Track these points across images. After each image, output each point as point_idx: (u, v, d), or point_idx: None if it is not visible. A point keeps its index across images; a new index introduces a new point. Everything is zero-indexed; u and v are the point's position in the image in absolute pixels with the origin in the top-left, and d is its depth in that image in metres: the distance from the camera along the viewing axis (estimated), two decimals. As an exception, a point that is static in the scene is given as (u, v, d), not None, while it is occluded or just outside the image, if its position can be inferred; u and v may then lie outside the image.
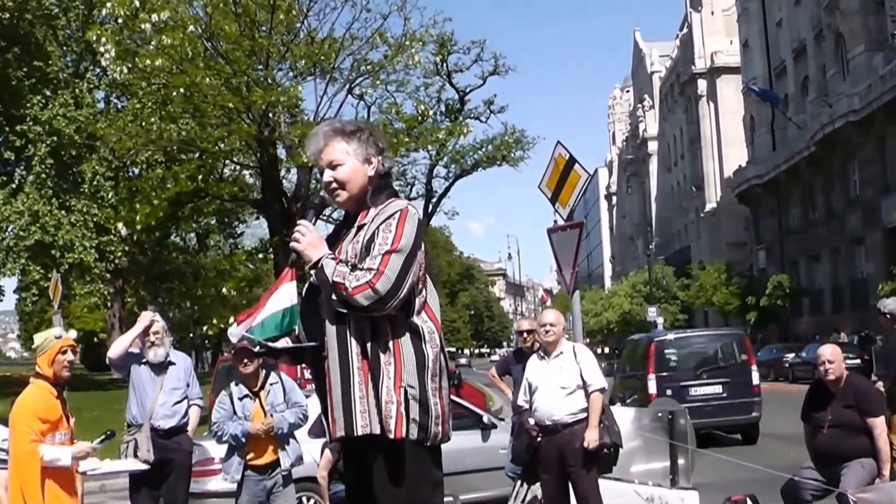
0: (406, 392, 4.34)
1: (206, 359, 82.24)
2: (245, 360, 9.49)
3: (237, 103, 27.84)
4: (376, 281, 4.25)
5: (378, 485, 4.44)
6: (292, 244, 4.53)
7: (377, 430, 4.29)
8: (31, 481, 6.89)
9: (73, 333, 7.60)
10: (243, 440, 9.44)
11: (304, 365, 5.11)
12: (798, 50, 67.10)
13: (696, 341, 23.57)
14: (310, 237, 4.51)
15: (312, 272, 4.46)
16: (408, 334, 4.42)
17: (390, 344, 4.38)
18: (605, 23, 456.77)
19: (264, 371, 9.77)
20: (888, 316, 11.19)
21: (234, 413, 9.55)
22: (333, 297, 4.33)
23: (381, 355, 4.36)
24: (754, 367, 22.00)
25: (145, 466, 9.34)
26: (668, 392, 20.24)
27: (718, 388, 21.25)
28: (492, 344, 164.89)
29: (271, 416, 9.47)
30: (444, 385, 4.53)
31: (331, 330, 4.43)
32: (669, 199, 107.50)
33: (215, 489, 11.24)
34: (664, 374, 21.37)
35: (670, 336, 24.61)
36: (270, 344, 4.81)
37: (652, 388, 20.76)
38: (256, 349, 5.05)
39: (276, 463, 9.55)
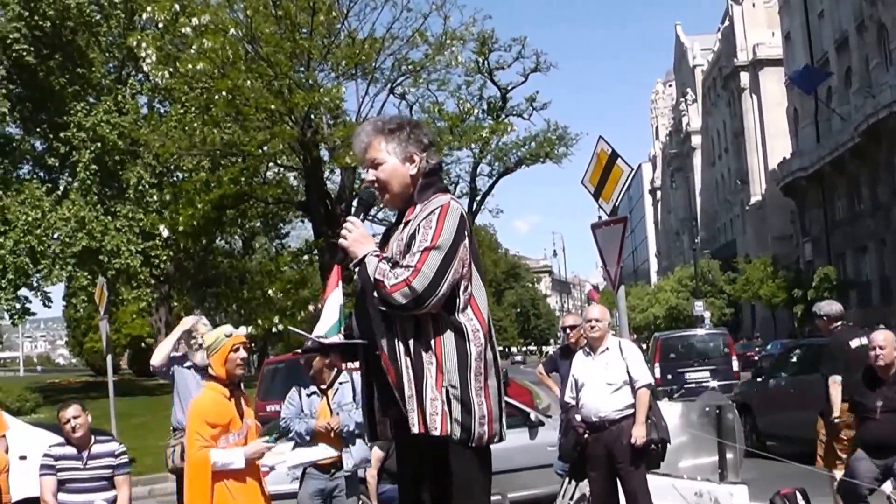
0: (447, 392, 4.26)
1: (252, 361, 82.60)
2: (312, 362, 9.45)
3: (279, 106, 27.97)
4: (413, 278, 4.18)
5: (424, 485, 4.43)
6: (339, 241, 4.47)
7: (420, 429, 4.22)
8: (202, 488, 6.84)
9: (242, 330, 7.56)
10: (307, 438, 9.28)
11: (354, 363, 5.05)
12: (840, 41, 66.43)
13: (691, 339, 30.87)
14: (356, 233, 4.44)
15: (356, 269, 4.41)
16: (450, 332, 4.33)
17: (432, 342, 4.30)
18: (646, 17, 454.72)
19: (335, 369, 9.63)
20: (825, 318, 11.13)
21: (302, 410, 9.46)
22: (375, 294, 4.27)
23: (423, 354, 4.28)
24: (734, 358, 29.31)
25: (335, 453, 9.17)
26: (669, 376, 27.83)
27: (706, 374, 28.03)
28: (539, 342, 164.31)
29: (337, 414, 9.31)
30: (492, 384, 4.42)
31: (372, 328, 4.38)
32: (714, 193, 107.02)
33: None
34: (666, 363, 28.51)
35: (672, 335, 33.03)
36: (322, 340, 4.81)
37: (657, 373, 26.92)
38: (309, 344, 5.04)
39: (340, 463, 9.32)
